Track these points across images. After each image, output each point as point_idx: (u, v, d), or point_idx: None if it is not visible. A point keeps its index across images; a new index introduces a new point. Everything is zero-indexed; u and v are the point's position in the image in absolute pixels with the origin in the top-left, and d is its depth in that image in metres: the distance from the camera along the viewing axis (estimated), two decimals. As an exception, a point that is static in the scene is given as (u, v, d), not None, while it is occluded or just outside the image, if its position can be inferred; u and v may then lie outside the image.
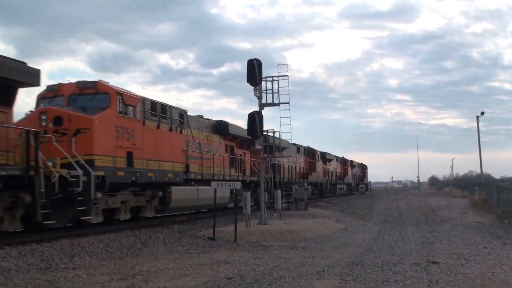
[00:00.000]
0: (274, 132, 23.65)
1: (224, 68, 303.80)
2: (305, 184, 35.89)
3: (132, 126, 19.42)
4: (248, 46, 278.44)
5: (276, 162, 36.48)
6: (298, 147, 45.77)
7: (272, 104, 21.60)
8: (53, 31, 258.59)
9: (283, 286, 9.91)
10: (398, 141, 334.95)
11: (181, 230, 19.39)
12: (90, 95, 18.71)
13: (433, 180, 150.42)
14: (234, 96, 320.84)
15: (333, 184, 61.56)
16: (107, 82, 19.51)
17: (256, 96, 20.92)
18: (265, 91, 21.34)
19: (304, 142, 52.35)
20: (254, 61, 20.33)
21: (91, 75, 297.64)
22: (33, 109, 18.74)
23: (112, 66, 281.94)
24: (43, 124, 17.04)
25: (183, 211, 23.69)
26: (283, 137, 23.59)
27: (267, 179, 30.95)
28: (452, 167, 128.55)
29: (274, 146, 24.07)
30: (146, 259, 13.30)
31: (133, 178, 19.28)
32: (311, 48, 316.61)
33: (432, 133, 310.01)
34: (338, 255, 13.96)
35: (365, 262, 12.54)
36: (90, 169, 16.47)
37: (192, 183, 23.89)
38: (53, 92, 18.83)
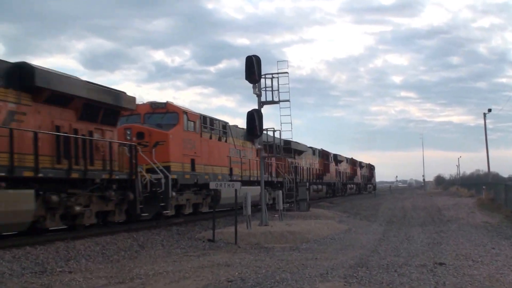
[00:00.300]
0: (274, 131, 23.37)
1: (221, 65, 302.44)
2: (307, 184, 35.92)
3: (194, 138, 23.94)
4: (246, 42, 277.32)
5: (296, 164, 40.31)
6: (313, 150, 49.82)
7: (272, 102, 21.37)
8: (43, 28, 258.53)
9: None
10: (402, 139, 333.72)
11: (180, 232, 19.19)
12: (161, 114, 23.12)
13: (439, 179, 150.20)
14: (233, 94, 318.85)
15: (344, 184, 65.06)
16: (172, 102, 23.74)
17: (255, 94, 20.73)
18: (264, 89, 21.12)
19: (305, 141, 53.48)
20: (253, 57, 20.08)
21: (83, 73, 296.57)
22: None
23: (105, 64, 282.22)
24: (128, 137, 21.12)
25: (228, 207, 26.00)
26: (283, 136, 23.35)
27: (290, 180, 34.15)
28: (458, 165, 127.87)
29: (274, 145, 23.75)
30: (144, 262, 13.13)
31: (195, 180, 23.78)
32: (312, 44, 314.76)
33: (437, 131, 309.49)
34: (342, 257, 13.79)
35: (369, 264, 12.37)
36: (167, 174, 20.61)
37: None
38: (130, 111, 20.99)
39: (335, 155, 59.64)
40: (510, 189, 33.17)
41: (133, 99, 19.97)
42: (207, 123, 25.38)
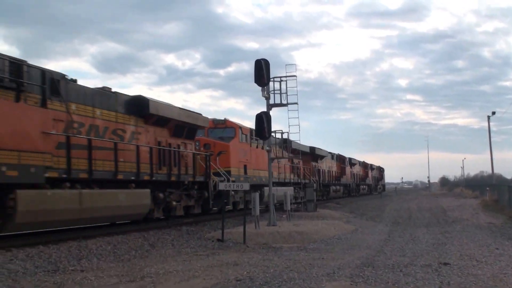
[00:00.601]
0: (282, 133, 23.57)
1: (231, 69, 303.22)
2: (314, 185, 36.30)
3: (246, 148, 28.79)
4: (255, 46, 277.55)
5: (319, 168, 46.52)
6: (332, 155, 54.90)
7: (280, 105, 21.49)
8: (57, 32, 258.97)
9: (293, 287, 9.82)
10: (408, 142, 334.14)
11: (189, 232, 19.31)
12: (221, 129, 27.86)
13: (444, 181, 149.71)
14: (242, 96, 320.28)
15: (357, 185, 70.33)
16: (228, 119, 28.49)
17: (264, 96, 20.84)
18: (273, 92, 21.24)
19: (313, 143, 57.18)
20: (262, 61, 20.24)
21: (96, 76, 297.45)
22: None
23: (117, 67, 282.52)
24: (197, 147, 25.13)
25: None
26: (291, 137, 23.71)
27: (314, 181, 39.66)
28: (463, 167, 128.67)
29: (283, 146, 24.10)
30: (154, 261, 13.23)
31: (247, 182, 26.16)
32: (320, 48, 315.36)
33: (442, 133, 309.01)
34: (348, 257, 13.86)
35: (375, 264, 12.44)
36: (228, 177, 24.42)
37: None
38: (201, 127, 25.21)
39: (350, 159, 64.28)
40: (513, 191, 33.25)
41: (207, 119, 25.02)
42: (252, 134, 28.67)
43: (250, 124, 33.03)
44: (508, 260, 13.15)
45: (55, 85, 15.24)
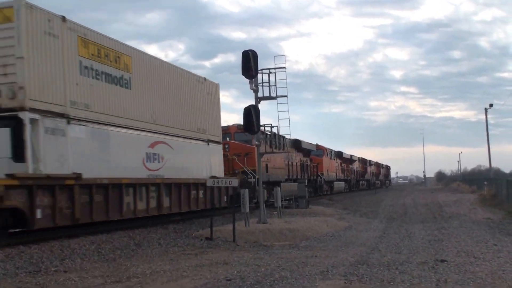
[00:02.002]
0: (272, 127, 23.22)
1: (217, 60, 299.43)
2: (306, 181, 36.99)
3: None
4: (242, 36, 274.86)
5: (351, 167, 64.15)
6: (358, 158, 76.68)
7: (269, 98, 21.09)
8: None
9: (286, 287, 9.67)
10: (403, 135, 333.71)
11: (177, 230, 19.14)
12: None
13: (440, 175, 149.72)
14: (229, 89, 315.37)
15: (357, 180, 79.74)
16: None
17: (252, 89, 20.49)
18: (261, 84, 20.82)
19: (304, 136, 63.01)
20: (249, 52, 19.88)
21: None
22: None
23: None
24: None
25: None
26: (281, 132, 23.46)
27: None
28: (459, 161, 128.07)
29: (271, 141, 23.97)
30: (140, 261, 12.98)
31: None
32: (310, 37, 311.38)
33: (438, 126, 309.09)
34: (342, 255, 13.67)
35: (370, 262, 12.28)
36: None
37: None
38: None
39: (370, 161, 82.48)
40: (512, 185, 33.05)
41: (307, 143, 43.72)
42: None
43: (238, 118, 38.58)
44: (506, 256, 12.99)
45: (297, 144, 40.12)
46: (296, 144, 42.51)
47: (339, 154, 63.09)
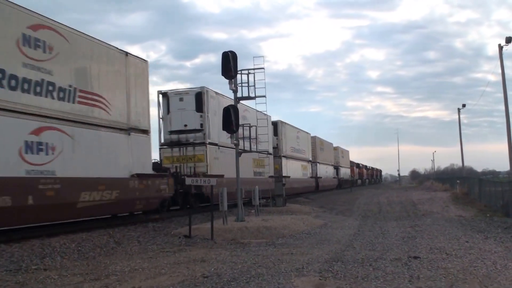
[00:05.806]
0: (250, 127, 23.35)
1: (198, 60, 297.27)
2: (283, 180, 36.57)
3: None
4: (223, 37, 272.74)
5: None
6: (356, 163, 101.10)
7: (248, 98, 21.36)
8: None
9: (262, 284, 9.70)
10: (378, 135, 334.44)
11: (156, 229, 19.14)
12: None
13: (414, 174, 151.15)
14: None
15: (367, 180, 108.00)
16: None
17: (232, 89, 20.66)
18: (240, 84, 21.04)
19: None
20: (229, 53, 20.03)
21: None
22: None
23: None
24: None
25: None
26: (259, 131, 23.52)
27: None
28: (433, 160, 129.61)
29: (250, 140, 23.91)
30: (120, 259, 13.04)
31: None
32: (288, 38, 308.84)
33: (413, 126, 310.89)
34: (317, 252, 13.78)
35: (345, 258, 12.39)
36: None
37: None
38: None
39: (364, 165, 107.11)
40: (483, 183, 33.55)
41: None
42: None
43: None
44: (478, 253, 13.16)
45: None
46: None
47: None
